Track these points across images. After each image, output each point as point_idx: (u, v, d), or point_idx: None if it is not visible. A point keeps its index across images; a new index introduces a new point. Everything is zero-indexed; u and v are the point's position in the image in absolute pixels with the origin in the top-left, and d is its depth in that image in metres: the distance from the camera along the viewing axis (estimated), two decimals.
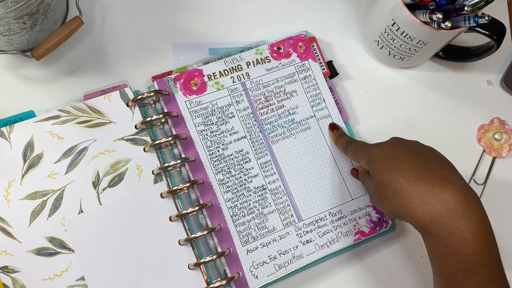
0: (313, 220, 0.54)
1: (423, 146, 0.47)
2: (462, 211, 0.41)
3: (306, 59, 0.58)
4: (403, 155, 0.45)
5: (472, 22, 0.50)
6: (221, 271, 0.52)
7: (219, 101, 0.56)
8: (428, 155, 0.45)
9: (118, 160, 0.52)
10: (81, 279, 0.49)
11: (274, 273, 0.52)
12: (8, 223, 0.49)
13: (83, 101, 0.53)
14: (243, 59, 0.58)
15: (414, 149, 0.46)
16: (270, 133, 0.56)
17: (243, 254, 0.52)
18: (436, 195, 0.41)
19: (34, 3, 0.48)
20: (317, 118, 0.57)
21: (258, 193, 0.54)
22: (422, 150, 0.46)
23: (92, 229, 0.50)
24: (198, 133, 0.54)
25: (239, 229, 0.52)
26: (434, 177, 0.43)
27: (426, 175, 0.43)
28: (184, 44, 0.59)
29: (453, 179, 0.43)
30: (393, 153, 0.45)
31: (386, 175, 0.44)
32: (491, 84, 0.63)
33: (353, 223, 0.55)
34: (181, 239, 0.51)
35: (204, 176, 0.53)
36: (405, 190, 0.43)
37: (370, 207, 0.55)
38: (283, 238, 0.53)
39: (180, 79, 0.55)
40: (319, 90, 0.58)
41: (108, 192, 0.51)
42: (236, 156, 0.55)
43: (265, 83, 0.57)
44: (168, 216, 0.52)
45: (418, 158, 0.44)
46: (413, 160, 0.44)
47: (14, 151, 0.51)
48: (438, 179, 0.42)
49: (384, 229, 0.55)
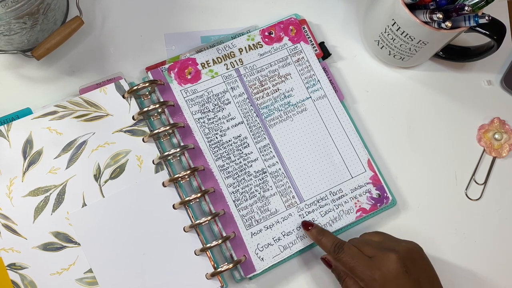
0: (314, 200, 0.55)
1: (425, 269, 0.48)
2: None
3: (298, 42, 0.59)
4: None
5: (472, 22, 0.50)
6: (227, 255, 0.52)
7: (214, 88, 0.56)
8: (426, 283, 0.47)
9: (118, 152, 0.52)
10: (89, 271, 0.49)
11: (279, 254, 0.53)
12: (12, 221, 0.49)
13: (79, 95, 0.53)
14: (235, 46, 0.58)
15: (414, 274, 0.47)
16: (267, 117, 0.56)
17: (248, 238, 0.52)
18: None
19: (34, 3, 0.48)
20: (313, 99, 0.57)
21: (259, 176, 0.54)
22: (423, 276, 0.47)
23: (96, 221, 0.51)
24: (196, 121, 0.55)
25: (242, 213, 0.53)
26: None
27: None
28: (175, 33, 0.59)
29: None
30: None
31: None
32: (491, 84, 0.63)
33: (354, 201, 0.55)
34: (185, 226, 0.52)
35: (204, 163, 0.54)
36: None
37: (370, 184, 0.56)
38: (286, 220, 0.54)
39: (174, 68, 0.56)
40: (313, 71, 0.58)
41: (110, 184, 0.51)
42: (234, 141, 0.55)
43: (259, 68, 0.57)
44: (172, 205, 0.52)
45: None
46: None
47: (14, 149, 0.51)
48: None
49: (385, 205, 0.56)
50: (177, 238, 0.51)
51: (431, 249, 0.56)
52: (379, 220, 0.57)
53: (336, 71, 0.61)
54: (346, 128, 0.57)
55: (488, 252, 0.57)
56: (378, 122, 0.60)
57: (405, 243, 0.49)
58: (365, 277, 0.46)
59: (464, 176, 0.60)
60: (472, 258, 0.57)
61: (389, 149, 0.59)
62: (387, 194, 0.56)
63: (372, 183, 0.56)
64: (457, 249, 0.57)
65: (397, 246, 0.48)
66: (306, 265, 0.54)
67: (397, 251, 0.47)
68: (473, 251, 0.57)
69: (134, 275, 0.50)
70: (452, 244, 0.57)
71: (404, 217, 0.57)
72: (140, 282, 0.50)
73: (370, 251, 0.48)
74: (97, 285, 0.49)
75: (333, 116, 0.57)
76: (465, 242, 0.57)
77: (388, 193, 0.56)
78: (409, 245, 0.49)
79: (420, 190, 0.58)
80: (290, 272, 0.54)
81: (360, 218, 0.55)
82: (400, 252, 0.47)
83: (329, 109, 0.57)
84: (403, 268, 0.46)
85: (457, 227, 0.58)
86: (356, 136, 0.57)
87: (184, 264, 0.51)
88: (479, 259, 0.57)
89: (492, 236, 0.58)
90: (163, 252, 0.51)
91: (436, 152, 0.60)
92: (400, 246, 0.48)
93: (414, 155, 0.59)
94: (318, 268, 0.54)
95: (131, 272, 0.50)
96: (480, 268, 0.57)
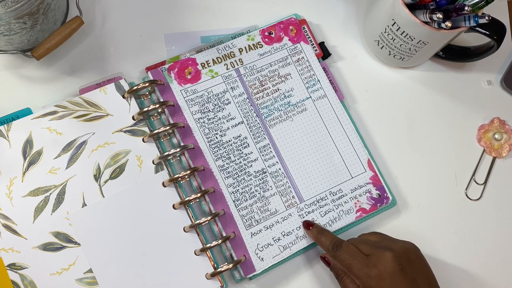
0: (314, 200, 0.55)
1: (421, 269, 0.49)
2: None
3: (298, 42, 0.59)
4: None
5: (472, 22, 0.50)
6: (227, 255, 0.52)
7: (214, 88, 0.56)
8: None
9: (118, 152, 0.52)
10: (89, 271, 0.49)
11: (279, 254, 0.53)
12: (12, 221, 0.49)
13: (79, 95, 0.53)
14: (235, 46, 0.58)
15: (410, 273, 0.47)
16: (267, 117, 0.56)
17: (248, 238, 0.52)
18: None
19: (34, 3, 0.48)
20: (313, 99, 0.57)
21: (259, 177, 0.54)
22: (419, 276, 0.48)
23: (96, 221, 0.51)
24: (196, 121, 0.55)
25: (242, 213, 0.53)
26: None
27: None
28: (175, 33, 0.59)
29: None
30: (393, 286, 0.46)
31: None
32: (491, 84, 0.63)
33: (354, 201, 0.55)
34: (185, 226, 0.52)
35: (204, 163, 0.54)
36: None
37: (370, 184, 0.56)
38: (286, 220, 0.54)
39: (174, 68, 0.56)
40: (313, 71, 0.58)
41: (110, 184, 0.51)
42: (234, 141, 0.55)
43: (259, 68, 0.57)
44: (172, 205, 0.52)
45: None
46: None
47: (14, 149, 0.51)
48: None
49: (385, 205, 0.56)
50: (177, 238, 0.51)
51: (431, 249, 0.56)
52: (379, 220, 0.57)
53: (336, 71, 0.61)
54: (346, 128, 0.57)
55: (488, 252, 0.57)
56: (378, 122, 0.60)
57: (401, 243, 0.49)
58: (361, 275, 0.47)
59: (464, 176, 0.59)
60: (472, 258, 0.57)
61: (389, 149, 0.59)
62: (387, 194, 0.56)
63: (372, 183, 0.56)
64: (457, 249, 0.57)
65: (394, 245, 0.48)
66: (306, 265, 0.54)
67: (393, 250, 0.47)
68: (473, 251, 0.57)
69: (134, 275, 0.50)
70: (452, 244, 0.57)
71: (404, 217, 0.57)
72: (140, 282, 0.50)
73: (367, 249, 0.48)
74: (97, 285, 0.49)
75: (333, 116, 0.57)
76: (465, 242, 0.57)
77: (388, 193, 0.56)
78: (406, 245, 0.49)
79: (420, 190, 0.58)
80: (290, 272, 0.54)
81: (360, 218, 0.55)
82: (396, 251, 0.47)
83: (329, 109, 0.57)
84: (399, 266, 0.46)
85: (457, 227, 0.58)
86: (356, 136, 0.57)
87: (184, 264, 0.51)
88: (479, 259, 0.57)
89: (492, 236, 0.58)
90: (163, 252, 0.51)
91: (436, 152, 0.60)
92: (397, 246, 0.48)
93: (414, 155, 0.59)
94: (318, 268, 0.54)
95: (131, 272, 0.50)
96: (480, 268, 0.57)
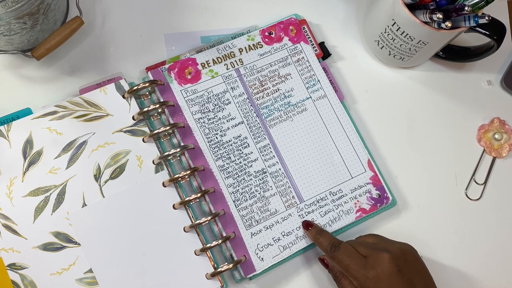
0: (314, 200, 0.55)
1: (418, 270, 0.49)
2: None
3: (298, 42, 0.59)
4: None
5: (472, 22, 0.50)
6: (227, 255, 0.52)
7: (214, 88, 0.56)
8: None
9: (118, 152, 0.52)
10: (89, 271, 0.49)
11: (279, 254, 0.53)
12: (12, 221, 0.49)
13: (79, 95, 0.53)
14: (235, 46, 0.58)
15: (408, 275, 0.47)
16: (267, 117, 0.56)
17: (248, 238, 0.52)
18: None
19: (34, 3, 0.48)
20: (313, 99, 0.57)
21: (259, 177, 0.54)
22: (416, 277, 0.48)
23: (96, 221, 0.51)
24: (196, 121, 0.55)
25: (242, 213, 0.53)
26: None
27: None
28: (175, 33, 0.59)
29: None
30: (390, 287, 0.46)
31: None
32: (491, 84, 0.63)
33: (353, 201, 0.55)
34: (185, 226, 0.52)
35: (204, 163, 0.54)
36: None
37: (370, 184, 0.56)
38: (286, 220, 0.54)
39: (174, 68, 0.56)
40: (313, 71, 0.58)
41: (110, 184, 0.51)
42: (234, 141, 0.55)
43: (259, 68, 0.57)
44: (172, 205, 0.52)
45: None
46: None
47: (14, 149, 0.51)
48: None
49: (385, 205, 0.56)
50: (177, 238, 0.51)
51: (431, 249, 0.56)
52: (379, 220, 0.57)
53: (336, 71, 0.61)
54: (346, 128, 0.57)
55: (488, 252, 0.57)
56: (378, 122, 0.60)
57: (398, 244, 0.50)
58: (359, 276, 0.47)
59: (464, 176, 0.59)
60: (472, 258, 0.57)
61: (389, 149, 0.59)
62: (387, 194, 0.56)
63: (372, 183, 0.56)
64: (457, 249, 0.57)
65: (391, 247, 0.49)
66: (306, 265, 0.54)
67: (390, 251, 0.48)
68: (473, 251, 0.57)
69: (134, 275, 0.50)
70: (452, 244, 0.57)
71: (404, 217, 0.57)
72: (140, 282, 0.50)
73: (364, 251, 0.48)
74: (97, 285, 0.49)
75: (333, 116, 0.57)
76: (465, 242, 0.57)
77: (388, 193, 0.56)
78: (403, 246, 0.49)
79: (420, 190, 0.58)
80: (290, 272, 0.54)
81: (360, 218, 0.55)
82: (393, 252, 0.47)
83: (329, 109, 0.57)
84: (396, 268, 0.47)
85: (457, 227, 0.58)
86: (356, 136, 0.57)
87: (184, 264, 0.51)
88: (479, 259, 0.57)
89: (492, 236, 0.58)
90: (163, 252, 0.51)
91: (436, 152, 0.60)
92: (394, 247, 0.49)
93: (414, 155, 0.59)
94: (317, 268, 0.54)
95: (131, 272, 0.50)
96: (480, 268, 0.57)
